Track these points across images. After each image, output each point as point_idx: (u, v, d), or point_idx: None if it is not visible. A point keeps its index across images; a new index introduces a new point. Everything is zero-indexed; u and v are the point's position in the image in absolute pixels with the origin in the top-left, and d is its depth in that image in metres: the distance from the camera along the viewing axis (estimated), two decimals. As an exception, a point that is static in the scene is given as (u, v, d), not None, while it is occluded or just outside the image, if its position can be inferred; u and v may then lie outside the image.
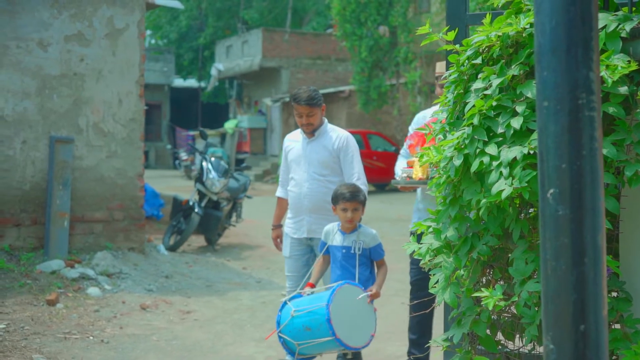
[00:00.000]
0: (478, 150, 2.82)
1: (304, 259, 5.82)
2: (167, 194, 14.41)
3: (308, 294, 4.84)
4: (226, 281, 9.58)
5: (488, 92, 2.87)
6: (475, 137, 2.84)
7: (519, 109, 2.77)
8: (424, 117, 5.57)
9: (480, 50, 3.04)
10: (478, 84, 2.94)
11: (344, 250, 4.89)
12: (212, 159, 12.27)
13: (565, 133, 1.82)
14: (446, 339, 3.16)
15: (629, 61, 2.65)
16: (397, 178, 5.13)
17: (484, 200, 2.79)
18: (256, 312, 8.04)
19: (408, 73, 24.97)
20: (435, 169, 4.82)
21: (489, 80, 2.89)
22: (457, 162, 2.87)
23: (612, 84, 2.61)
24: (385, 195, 21.01)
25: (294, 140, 5.93)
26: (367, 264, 4.91)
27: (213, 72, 37.36)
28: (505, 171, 2.71)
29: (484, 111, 2.84)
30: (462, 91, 3.09)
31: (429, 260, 3.19)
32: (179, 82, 44.83)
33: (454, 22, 3.94)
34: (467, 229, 3.05)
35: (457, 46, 3.18)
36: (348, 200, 4.85)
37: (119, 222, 9.64)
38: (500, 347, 3.21)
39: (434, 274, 3.15)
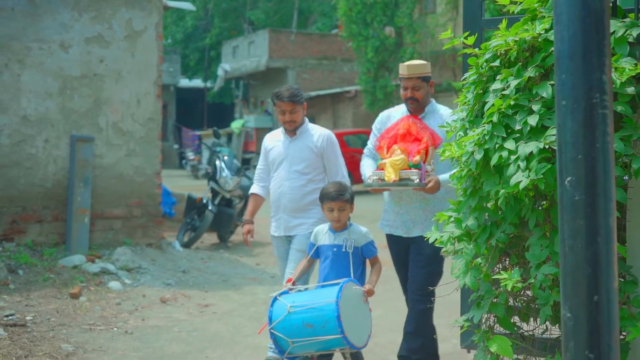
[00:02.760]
0: (497, 146, 3.08)
1: None
2: (179, 193, 14.66)
3: (300, 290, 4.79)
4: (241, 276, 9.83)
5: (506, 92, 3.13)
6: (495, 133, 3.10)
7: (535, 107, 3.03)
8: (388, 116, 5.57)
9: (498, 54, 3.30)
10: (497, 85, 3.20)
11: (334, 249, 4.87)
12: (225, 157, 12.53)
13: (581, 128, 2.08)
14: (467, 320, 3.43)
15: (636, 64, 2.91)
16: (368, 180, 5.16)
17: (502, 191, 3.05)
18: (266, 306, 8.29)
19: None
20: (415, 170, 4.90)
21: (507, 82, 3.15)
22: (478, 156, 3.13)
23: (620, 85, 2.86)
24: (391, 194, 21.22)
25: (275, 140, 5.94)
26: (358, 263, 4.89)
27: (220, 72, 37.61)
28: (522, 164, 2.96)
29: (503, 110, 3.10)
30: (481, 91, 3.35)
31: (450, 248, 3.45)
32: (184, 82, 45.05)
33: (471, 26, 4.21)
34: (486, 218, 3.31)
35: (476, 50, 3.44)
36: (333, 200, 4.86)
37: (138, 218, 9.92)
38: (516, 328, 3.47)
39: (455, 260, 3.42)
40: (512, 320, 3.44)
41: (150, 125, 9.98)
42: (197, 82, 45.38)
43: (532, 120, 3.00)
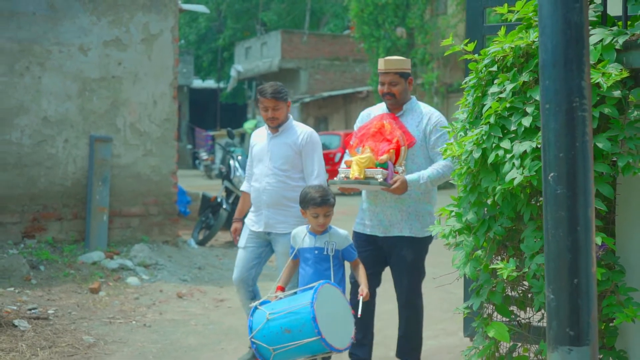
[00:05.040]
0: (494, 145, 3.33)
1: (257, 252, 5.86)
2: (193, 192, 14.93)
3: (279, 298, 4.68)
4: (254, 273, 10.07)
5: (502, 95, 3.38)
6: (492, 133, 3.35)
7: (529, 109, 3.28)
8: (368, 114, 5.47)
9: (496, 59, 3.55)
10: (494, 89, 3.46)
11: (315, 252, 4.75)
12: (239, 157, 12.78)
13: (562, 129, 2.33)
14: (467, 307, 3.68)
15: (622, 69, 3.15)
16: (335, 177, 5.10)
17: (499, 187, 3.30)
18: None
19: (425, 74, 25.36)
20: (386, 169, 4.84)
21: (504, 85, 3.40)
22: (476, 155, 3.39)
23: (607, 89, 3.10)
24: (403, 194, 21.43)
25: (260, 136, 5.93)
26: (339, 266, 4.78)
27: (232, 73, 37.90)
28: (517, 162, 3.21)
29: (499, 112, 3.35)
30: (480, 94, 3.60)
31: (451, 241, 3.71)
32: (197, 83, 45.35)
33: (473, 32, 4.47)
34: (484, 212, 3.56)
35: (476, 55, 3.68)
36: (319, 206, 4.70)
37: (154, 216, 10.20)
38: (513, 316, 3.72)
39: (455, 252, 3.67)
40: (510, 309, 3.69)
41: (167, 125, 10.26)
42: (210, 83, 45.68)
43: (526, 122, 3.24)
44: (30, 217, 9.44)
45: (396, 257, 5.24)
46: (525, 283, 3.61)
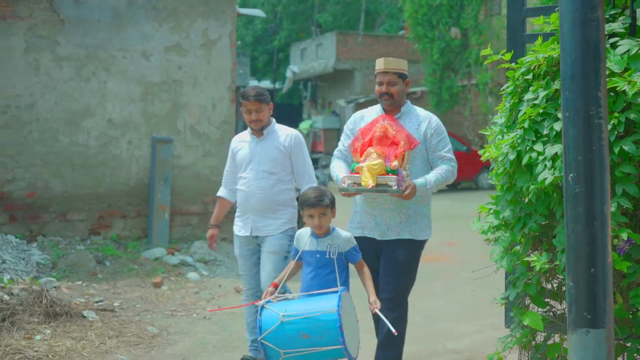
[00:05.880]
0: (528, 148, 3.61)
1: (254, 258, 5.77)
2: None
3: (288, 299, 4.55)
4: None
5: (536, 101, 3.66)
6: (526, 137, 3.63)
7: (560, 115, 3.54)
8: (361, 117, 5.32)
9: (531, 68, 3.82)
10: (529, 95, 3.73)
11: (317, 255, 4.62)
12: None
13: (580, 134, 2.61)
14: (504, 298, 3.97)
15: (647, 77, 3.40)
16: (342, 184, 4.93)
17: (532, 187, 3.57)
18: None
19: (479, 74, 25.40)
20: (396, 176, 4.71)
21: (537, 92, 3.68)
22: (512, 156, 3.67)
23: (632, 96, 3.35)
24: (456, 194, 21.57)
25: (243, 141, 5.82)
26: (342, 269, 4.64)
27: (288, 74, 38.34)
28: (548, 164, 3.48)
29: (533, 117, 3.62)
30: (516, 100, 3.88)
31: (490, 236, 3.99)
32: (254, 83, 45.87)
33: (513, 41, 4.74)
34: (520, 210, 3.84)
35: (513, 64, 3.96)
36: (313, 207, 4.58)
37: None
38: (548, 307, 3.99)
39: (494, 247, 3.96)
40: (545, 301, 3.95)
41: (225, 127, 10.67)
42: (266, 84, 46.07)
43: (557, 126, 3.51)
44: (96, 215, 9.94)
45: (388, 257, 5.04)
46: (560, 276, 3.86)
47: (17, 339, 6.09)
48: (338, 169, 5.24)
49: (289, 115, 44.97)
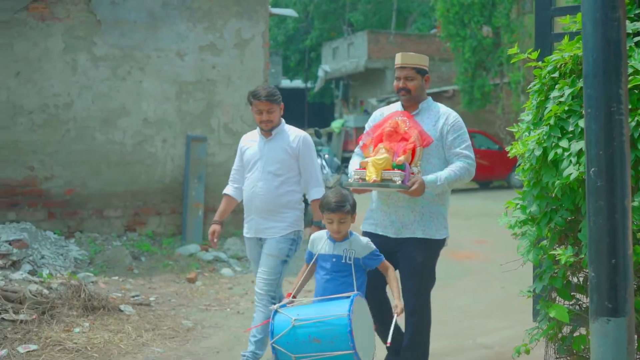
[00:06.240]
0: (554, 144, 3.70)
1: None
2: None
3: (303, 303, 4.46)
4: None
5: (562, 99, 3.75)
6: (552, 134, 3.72)
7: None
8: (381, 114, 5.21)
9: (558, 66, 3.91)
10: (555, 93, 3.82)
11: (334, 260, 4.49)
12: (326, 156, 13.24)
13: (601, 130, 2.71)
14: (529, 290, 4.07)
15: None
16: (349, 179, 4.84)
17: (558, 182, 3.67)
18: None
19: (511, 73, 25.33)
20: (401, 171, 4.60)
21: (563, 90, 3.77)
22: (537, 153, 3.77)
23: (656, 93, 3.44)
24: (489, 192, 21.58)
25: (251, 140, 5.71)
26: (358, 273, 4.51)
27: (320, 73, 38.48)
28: (573, 160, 3.57)
29: (559, 114, 3.72)
30: (543, 98, 3.97)
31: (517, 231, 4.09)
32: (286, 83, 46.00)
33: (542, 40, 4.83)
34: (546, 205, 3.93)
35: (540, 62, 4.05)
36: (333, 212, 4.46)
37: (246, 212, 10.78)
38: (575, 300, 4.08)
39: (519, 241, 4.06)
40: (572, 294, 4.04)
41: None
42: (298, 83, 46.25)
43: (582, 123, 3.58)
44: (132, 212, 10.14)
45: (406, 259, 4.88)
46: (585, 270, 3.95)
47: (56, 331, 6.27)
48: (353, 165, 5.10)
49: (321, 114, 45.16)
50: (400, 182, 4.59)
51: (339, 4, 42.50)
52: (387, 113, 5.14)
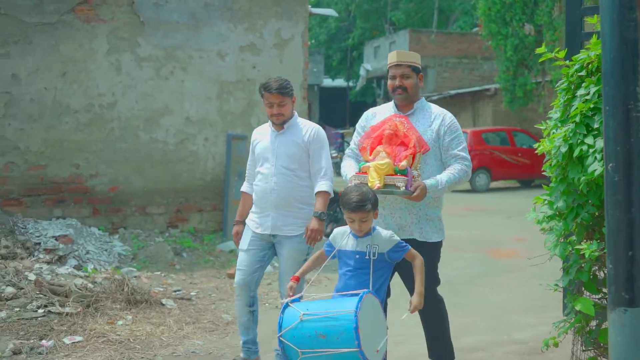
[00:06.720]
0: (579, 141, 3.80)
1: (260, 255, 5.51)
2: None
3: (315, 299, 4.37)
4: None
5: (588, 97, 3.84)
6: (577, 131, 3.82)
7: (610, 110, 3.73)
8: (373, 114, 5.16)
9: (584, 65, 4.00)
10: (581, 91, 3.92)
11: (357, 256, 4.36)
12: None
13: (619, 127, 2.81)
14: (556, 284, 4.16)
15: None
16: (349, 184, 4.64)
17: (583, 178, 3.76)
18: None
19: (553, 71, 25.16)
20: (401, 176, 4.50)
21: (589, 88, 3.86)
22: (563, 149, 3.87)
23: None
24: (530, 191, 21.48)
25: (263, 134, 5.53)
26: (382, 270, 4.42)
27: (362, 72, 38.55)
28: (598, 156, 3.66)
29: (584, 112, 3.81)
30: (570, 96, 4.06)
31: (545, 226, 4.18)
32: (327, 82, 46.17)
33: (572, 39, 4.90)
34: (573, 200, 4.02)
35: (567, 61, 4.14)
36: (353, 211, 4.30)
37: (285, 209, 10.95)
38: (602, 293, 4.16)
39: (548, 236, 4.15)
40: (599, 288, 4.13)
41: (297, 124, 10.98)
42: (340, 82, 46.38)
43: (606, 120, 3.69)
44: (174, 209, 10.37)
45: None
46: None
47: (100, 323, 6.48)
48: (348, 167, 5.01)
49: (362, 112, 45.12)
50: (403, 187, 4.53)
51: (381, 3, 42.56)
52: (380, 113, 5.09)
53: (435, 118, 4.93)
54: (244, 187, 5.72)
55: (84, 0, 9.86)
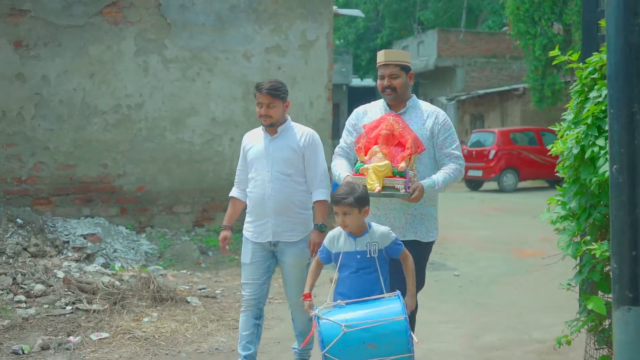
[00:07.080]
0: (591, 142, 3.85)
1: (266, 266, 5.38)
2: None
3: (342, 306, 4.16)
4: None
5: (600, 99, 3.90)
6: (589, 133, 3.87)
7: (622, 112, 3.78)
8: (364, 111, 5.10)
9: (597, 67, 4.06)
10: (594, 93, 3.98)
11: (358, 256, 4.25)
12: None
13: (623, 130, 2.87)
14: (568, 284, 4.22)
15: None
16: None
17: (594, 179, 3.82)
18: (431, 287, 9.10)
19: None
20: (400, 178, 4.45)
21: (601, 91, 3.91)
22: (575, 151, 3.93)
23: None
24: (556, 191, 21.44)
25: (255, 138, 5.42)
26: (384, 267, 4.30)
27: (390, 72, 38.53)
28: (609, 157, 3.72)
29: (596, 114, 3.86)
30: (583, 98, 4.12)
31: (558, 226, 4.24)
32: (356, 81, 46.21)
33: (589, 42, 4.96)
34: (585, 201, 4.07)
35: (581, 64, 4.20)
36: (336, 204, 4.23)
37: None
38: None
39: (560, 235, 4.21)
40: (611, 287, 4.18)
41: (322, 125, 11.08)
42: (369, 82, 46.38)
43: (618, 123, 3.75)
44: (200, 209, 10.52)
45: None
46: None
47: (126, 320, 6.63)
48: (340, 167, 4.95)
49: (391, 112, 45.18)
50: (403, 189, 4.48)
51: (410, 3, 42.53)
52: (371, 111, 5.06)
53: (428, 116, 4.90)
54: (234, 192, 5.62)
55: (112, 2, 10.04)
